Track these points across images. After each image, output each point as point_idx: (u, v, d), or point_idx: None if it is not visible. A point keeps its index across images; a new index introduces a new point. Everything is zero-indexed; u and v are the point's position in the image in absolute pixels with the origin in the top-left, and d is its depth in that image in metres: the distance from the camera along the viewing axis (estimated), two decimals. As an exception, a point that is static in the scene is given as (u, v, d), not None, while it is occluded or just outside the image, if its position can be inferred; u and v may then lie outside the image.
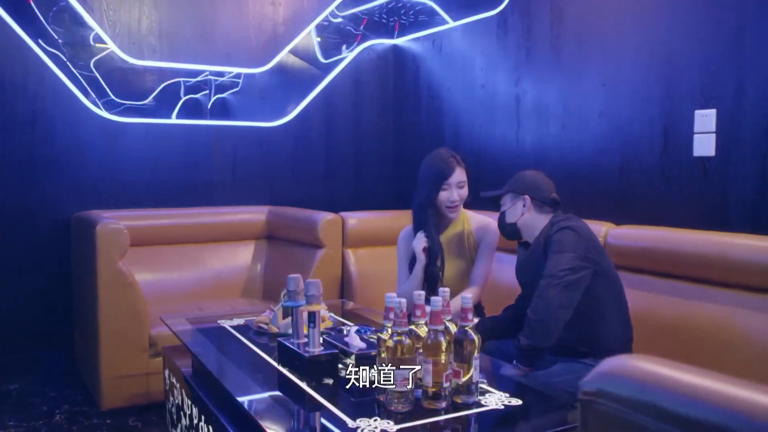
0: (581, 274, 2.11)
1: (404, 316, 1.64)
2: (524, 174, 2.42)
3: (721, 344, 2.39)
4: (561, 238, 2.16)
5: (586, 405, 0.79)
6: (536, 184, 2.37)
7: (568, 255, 2.12)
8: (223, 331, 2.55)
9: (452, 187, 2.64)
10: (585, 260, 2.13)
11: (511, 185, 2.42)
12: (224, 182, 4.13)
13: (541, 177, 2.40)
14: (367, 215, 3.83)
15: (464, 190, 2.68)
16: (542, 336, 2.06)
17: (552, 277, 2.09)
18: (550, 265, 2.12)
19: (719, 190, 2.63)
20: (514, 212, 2.38)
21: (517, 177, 2.42)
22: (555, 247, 2.16)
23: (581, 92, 3.21)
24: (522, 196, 2.35)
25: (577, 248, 2.14)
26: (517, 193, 2.37)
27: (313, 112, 4.38)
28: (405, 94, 4.53)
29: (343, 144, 4.49)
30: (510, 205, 2.39)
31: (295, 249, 3.78)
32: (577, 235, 2.17)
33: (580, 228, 2.20)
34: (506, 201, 2.41)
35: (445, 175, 2.63)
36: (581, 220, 2.28)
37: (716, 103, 2.62)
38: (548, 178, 2.43)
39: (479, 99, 3.84)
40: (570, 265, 2.10)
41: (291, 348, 1.98)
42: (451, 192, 2.64)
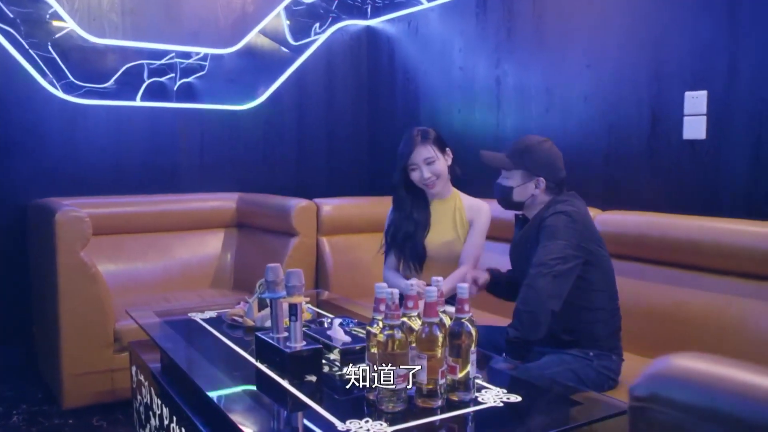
0: (572, 264, 2.02)
1: (397, 308, 1.51)
2: (539, 147, 2.18)
3: (714, 332, 2.33)
4: (555, 224, 2.05)
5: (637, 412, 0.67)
6: (553, 164, 2.18)
7: (560, 242, 2.02)
8: (193, 325, 2.40)
9: (420, 165, 2.56)
10: (577, 249, 2.04)
11: (523, 160, 2.18)
12: (192, 168, 3.95)
13: (555, 152, 2.20)
14: (342, 202, 3.69)
15: (436, 165, 2.58)
16: (532, 328, 1.96)
17: (542, 266, 1.99)
18: (541, 253, 2.02)
19: (710, 174, 2.56)
20: (524, 192, 2.19)
21: (530, 150, 2.17)
22: (547, 233, 2.05)
23: (565, 74, 3.11)
24: (536, 177, 2.17)
25: (571, 236, 2.04)
26: (531, 172, 2.18)
27: (285, 95, 4.21)
28: (379, 77, 4.39)
29: (316, 128, 4.33)
30: (520, 183, 2.19)
31: (267, 237, 3.62)
32: (572, 222, 2.06)
33: (576, 213, 2.08)
34: (515, 176, 2.20)
35: (405, 155, 2.58)
36: (580, 202, 2.16)
37: (707, 84, 2.55)
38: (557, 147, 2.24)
39: (458, 82, 3.72)
40: (561, 254, 2.00)
41: (270, 343, 1.84)
42: (421, 171, 2.57)
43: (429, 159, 2.56)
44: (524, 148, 2.20)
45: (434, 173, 2.58)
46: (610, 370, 2.12)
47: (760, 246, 2.28)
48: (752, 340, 2.25)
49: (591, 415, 1.52)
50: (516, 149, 2.22)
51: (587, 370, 2.07)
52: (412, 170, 2.59)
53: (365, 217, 3.64)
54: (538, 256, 2.02)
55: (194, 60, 3.91)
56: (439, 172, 2.60)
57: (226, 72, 4.02)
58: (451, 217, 2.70)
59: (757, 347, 2.23)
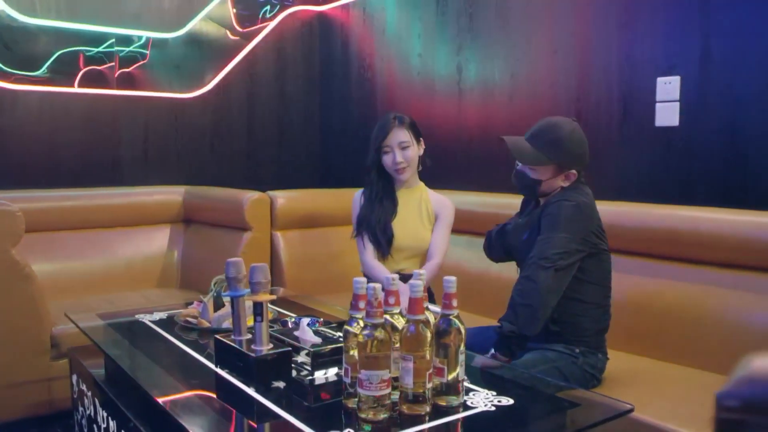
0: (575, 258, 1.92)
1: (380, 305, 1.36)
2: (571, 137, 1.96)
3: (692, 324, 2.26)
4: (559, 213, 1.92)
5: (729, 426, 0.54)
6: (585, 154, 2.01)
7: (563, 235, 1.90)
8: (142, 328, 2.18)
9: (393, 148, 2.54)
10: (581, 242, 1.93)
11: (558, 153, 1.96)
12: (134, 159, 3.69)
13: (584, 139, 2.01)
14: (298, 194, 3.51)
15: (410, 151, 2.56)
16: (529, 322, 1.86)
17: (544, 259, 1.87)
18: (544, 245, 1.90)
19: (684, 161, 2.49)
20: (553, 185, 2.01)
21: (562, 141, 1.95)
22: (550, 222, 1.93)
23: (530, 60, 3.01)
24: (568, 171, 1.99)
25: (576, 228, 1.93)
26: (564, 167, 1.98)
27: (234, 83, 3.99)
28: (333, 66, 4.22)
29: (267, 118, 4.13)
30: (549, 177, 1.99)
31: (217, 232, 3.41)
32: (578, 212, 1.94)
33: (584, 205, 1.96)
34: (545, 171, 1.99)
35: (381, 137, 2.54)
36: (588, 191, 2.02)
37: (680, 70, 2.48)
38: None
39: (417, 69, 3.58)
40: (564, 248, 1.89)
41: (232, 346, 1.66)
42: (394, 154, 2.54)
43: (404, 143, 2.53)
44: (556, 139, 1.96)
45: (407, 159, 2.55)
46: (595, 368, 2.02)
47: (736, 235, 2.22)
48: (732, 331, 2.18)
49: (590, 418, 1.40)
50: (548, 140, 1.97)
51: (572, 368, 1.97)
52: (385, 153, 2.56)
53: (321, 211, 3.47)
54: (540, 247, 1.90)
55: (136, 45, 3.65)
56: (411, 159, 2.57)
57: (170, 58, 3.77)
58: (417, 207, 2.66)
59: (737, 338, 2.16)
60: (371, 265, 2.58)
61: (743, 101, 2.32)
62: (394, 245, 2.59)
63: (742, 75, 2.32)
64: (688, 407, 1.82)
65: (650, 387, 2.00)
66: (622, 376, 2.09)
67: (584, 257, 1.96)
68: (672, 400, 1.88)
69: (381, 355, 1.34)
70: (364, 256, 2.63)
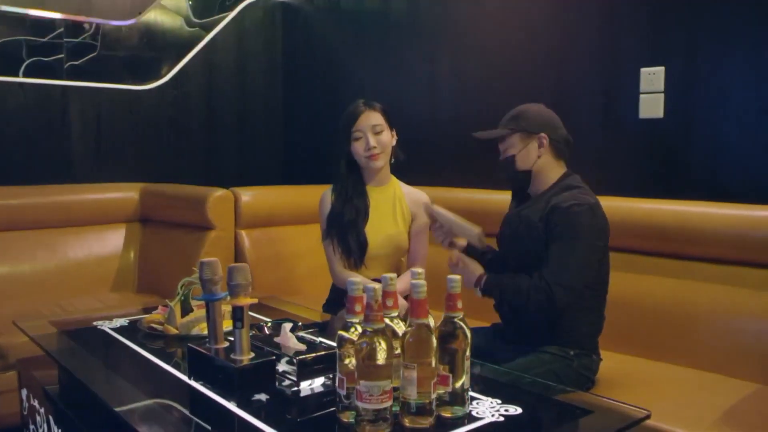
0: (593, 269, 1.86)
1: (380, 309, 1.22)
2: (531, 109, 1.96)
3: (683, 321, 2.19)
4: (576, 221, 1.81)
5: None
6: (551, 120, 1.96)
7: (586, 245, 1.82)
8: (101, 336, 1.99)
9: (366, 132, 2.32)
10: (597, 250, 1.86)
11: (518, 122, 1.94)
12: (87, 155, 3.45)
13: (550, 111, 1.99)
14: (263, 191, 3.34)
15: (384, 135, 2.35)
16: (522, 321, 1.84)
17: (566, 281, 1.78)
18: (563, 259, 1.80)
19: (669, 154, 2.43)
20: (528, 156, 1.94)
21: (522, 112, 1.95)
22: (568, 228, 1.80)
23: (507, 46, 2.90)
24: (537, 135, 1.93)
25: (594, 236, 1.84)
26: (530, 131, 1.94)
27: (192, 75, 3.79)
28: (297, 58, 4.05)
29: (227, 112, 3.93)
30: (521, 148, 1.94)
31: (177, 232, 3.21)
32: (594, 216, 1.84)
33: (596, 206, 1.87)
34: (513, 143, 1.95)
35: (351, 121, 2.33)
36: (588, 188, 1.95)
37: (665, 60, 2.41)
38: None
39: (388, 62, 3.45)
40: (583, 263, 1.82)
41: (209, 356, 1.50)
42: (366, 138, 2.32)
43: (377, 127, 2.33)
44: (516, 112, 1.97)
45: (381, 144, 2.33)
46: (589, 370, 1.93)
47: (726, 230, 2.17)
48: (723, 328, 2.12)
49: (607, 426, 1.30)
50: (508, 117, 1.99)
51: (567, 370, 1.87)
52: (356, 139, 2.33)
53: (288, 208, 3.31)
54: (562, 259, 1.80)
55: (87, 34, 3.41)
56: (385, 144, 2.36)
57: (124, 47, 3.55)
58: (391, 207, 2.46)
59: (728, 335, 2.10)
60: (344, 277, 2.39)
61: (729, 93, 2.26)
62: (367, 253, 2.38)
63: (729, 65, 2.26)
64: (691, 409, 1.74)
65: (646, 388, 1.92)
66: (615, 378, 2.00)
67: None
68: (672, 402, 1.79)
69: (383, 364, 1.20)
70: (335, 265, 2.43)
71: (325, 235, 2.44)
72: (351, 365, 1.25)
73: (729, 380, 2.00)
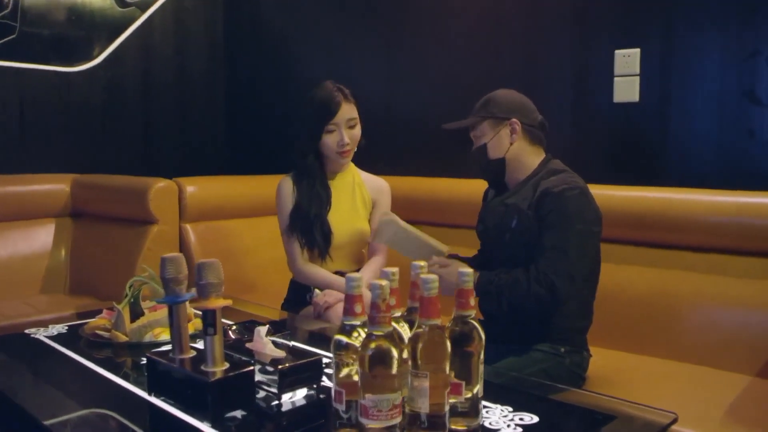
0: (589, 256, 1.75)
1: (388, 309, 1.04)
2: (500, 94, 1.86)
3: (667, 311, 2.12)
4: (570, 206, 1.69)
5: None
6: (523, 104, 1.85)
7: (582, 231, 1.71)
8: (35, 345, 1.73)
9: (341, 126, 2.17)
10: (593, 235, 1.75)
11: (488, 108, 1.84)
12: (9, 143, 3.11)
13: (521, 95, 1.88)
14: (209, 182, 3.10)
15: (356, 130, 2.21)
16: (523, 318, 1.73)
17: (565, 271, 1.66)
18: (559, 244, 1.67)
19: (645, 139, 2.34)
20: (500, 143, 1.82)
21: (491, 98, 1.85)
22: (560, 214, 1.69)
23: (472, 27, 2.76)
24: (508, 121, 1.81)
25: (588, 220, 1.73)
26: (500, 117, 1.82)
27: (127, 57, 3.49)
28: (241, 40, 3.80)
29: (166, 96, 3.65)
30: (492, 135, 1.83)
31: (115, 227, 2.94)
32: (585, 199, 1.74)
33: (587, 190, 1.77)
34: (484, 131, 1.84)
35: (329, 113, 2.16)
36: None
37: (640, 41, 2.32)
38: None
39: (344, 43, 3.26)
40: (581, 250, 1.71)
41: (174, 368, 1.28)
42: (340, 133, 2.17)
43: (352, 121, 2.19)
44: (485, 99, 1.86)
45: (353, 139, 2.21)
46: (580, 367, 1.83)
47: (707, 217, 2.10)
48: (709, 319, 2.05)
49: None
50: (478, 104, 1.88)
51: (559, 369, 1.76)
52: (329, 132, 2.17)
53: (237, 200, 3.09)
54: (558, 252, 1.67)
55: (6, 11, 3.08)
56: (357, 139, 2.23)
57: (48, 25, 3.22)
58: (351, 194, 2.32)
59: (714, 326, 2.03)
60: (309, 271, 2.24)
61: (708, 75, 2.19)
62: (332, 243, 2.23)
63: (707, 46, 2.19)
64: (694, 406, 1.64)
65: (639, 385, 1.82)
66: (605, 374, 1.89)
67: None
68: (671, 399, 1.66)
69: (392, 374, 1.03)
70: (297, 260, 2.26)
71: (288, 228, 2.25)
72: (352, 375, 1.08)
73: (718, 373, 1.93)
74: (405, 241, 1.92)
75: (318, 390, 1.33)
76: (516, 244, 1.78)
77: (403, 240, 1.92)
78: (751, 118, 2.13)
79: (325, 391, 1.33)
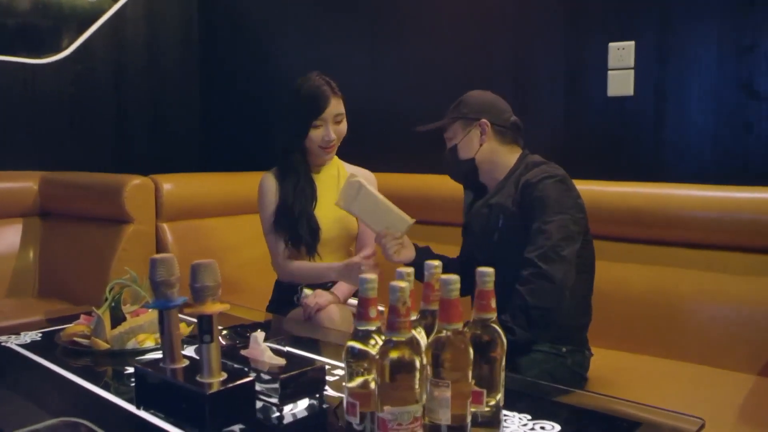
0: (577, 243, 1.65)
1: (408, 313, 0.96)
2: (472, 95, 1.83)
3: (665, 310, 2.07)
4: (548, 193, 1.64)
5: None
6: (493, 104, 1.82)
7: (561, 217, 1.62)
8: (7, 354, 1.61)
9: (327, 122, 2.09)
10: (577, 222, 1.66)
11: (459, 110, 1.81)
12: (-28, 139, 2.97)
13: (494, 95, 1.85)
14: (187, 179, 2.97)
15: (343, 125, 2.13)
16: (545, 328, 1.60)
17: (553, 249, 1.58)
18: (545, 232, 1.60)
19: (640, 134, 2.29)
20: (469, 144, 1.79)
21: (463, 99, 1.82)
22: (541, 204, 1.63)
23: (456, 19, 2.68)
24: (477, 122, 1.77)
25: (570, 206, 1.66)
26: (470, 118, 1.78)
27: (98, 49, 3.34)
28: (216, 32, 3.67)
29: (139, 90, 3.51)
30: (462, 137, 1.80)
31: (86, 227, 2.81)
32: (566, 188, 1.68)
33: (567, 177, 1.71)
34: (455, 132, 1.82)
35: (318, 109, 2.07)
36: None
37: (635, 34, 2.27)
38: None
39: (324, 35, 3.16)
40: (565, 232, 1.61)
41: (167, 380, 1.18)
42: (327, 129, 2.09)
43: (339, 116, 2.11)
44: (458, 100, 1.84)
45: (339, 135, 2.13)
46: (582, 367, 1.77)
47: (705, 213, 2.06)
48: (709, 316, 2.01)
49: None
50: (451, 106, 1.86)
51: (561, 369, 1.69)
52: (315, 127, 2.09)
53: (217, 197, 2.97)
54: (542, 236, 1.60)
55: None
56: (342, 134, 2.15)
57: (14, 13, 3.06)
58: (336, 187, 2.24)
59: (714, 323, 1.99)
60: (294, 266, 2.15)
61: (703, 68, 2.15)
62: (320, 239, 2.15)
63: (703, 39, 2.14)
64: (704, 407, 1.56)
65: (643, 385, 1.78)
66: (606, 374, 1.83)
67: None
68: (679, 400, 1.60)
69: (414, 384, 0.95)
70: (280, 258, 2.17)
71: (273, 227, 2.15)
72: (367, 385, 0.99)
73: (720, 372, 1.89)
74: (368, 206, 1.83)
75: (320, 400, 1.24)
76: (506, 244, 1.71)
77: (367, 204, 1.83)
78: (748, 112, 2.10)
79: (327, 401, 1.24)
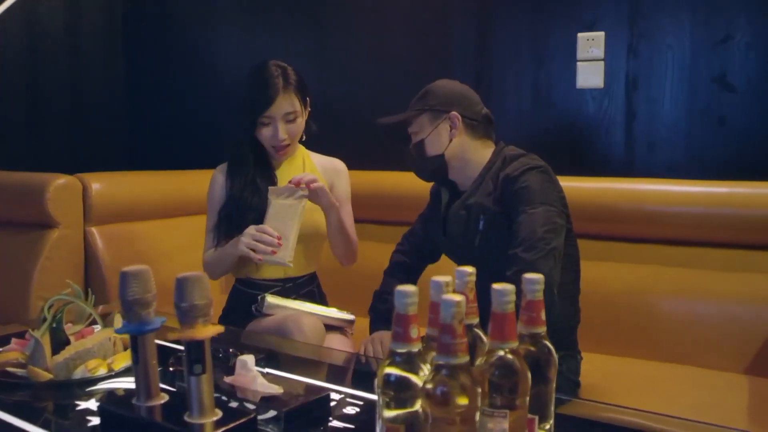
0: (562, 236, 1.53)
1: (463, 334, 0.80)
2: (439, 85, 1.69)
3: (643, 308, 2.02)
4: (530, 185, 1.53)
5: None
6: (463, 95, 1.68)
7: (543, 208, 1.51)
8: None
9: (276, 120, 1.87)
10: (561, 215, 1.56)
11: (425, 101, 1.67)
12: None
13: (464, 86, 1.71)
14: (118, 178, 2.68)
15: (297, 123, 1.91)
16: None
17: (539, 243, 1.46)
18: (529, 224, 1.48)
19: (611, 127, 2.22)
20: (438, 139, 1.65)
21: (429, 90, 1.68)
22: (524, 196, 1.52)
23: (415, 3, 2.54)
24: (447, 114, 1.63)
25: (553, 198, 1.55)
26: (438, 110, 1.63)
27: (8, 33, 2.98)
28: (143, 14, 3.36)
29: (56, 80, 3.15)
30: (430, 131, 1.65)
31: (3, 233, 2.48)
32: (549, 180, 1.58)
33: (548, 169, 1.60)
34: (422, 126, 1.67)
35: (263, 105, 1.85)
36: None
37: (605, 24, 2.19)
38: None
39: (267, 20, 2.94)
40: (551, 224, 1.49)
41: (145, 420, 0.97)
42: (275, 127, 1.87)
43: (290, 115, 1.88)
44: (423, 91, 1.70)
45: (291, 135, 1.91)
46: (574, 373, 1.68)
47: (682, 208, 2.02)
48: (690, 314, 1.95)
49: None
50: (416, 97, 1.71)
51: (557, 377, 1.56)
52: (263, 124, 1.88)
53: (151, 199, 2.69)
54: (526, 228, 1.47)
55: None
56: (296, 134, 1.93)
57: None
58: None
59: (696, 322, 1.94)
60: (212, 256, 1.95)
61: (676, 60, 2.10)
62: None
63: (675, 29, 2.09)
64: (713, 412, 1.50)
65: (639, 390, 1.72)
66: (596, 380, 1.74)
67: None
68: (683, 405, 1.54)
69: (474, 416, 0.79)
70: (206, 249, 1.99)
71: (214, 224, 1.96)
72: (403, 417, 0.82)
73: (710, 373, 1.84)
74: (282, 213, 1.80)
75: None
76: (489, 247, 1.59)
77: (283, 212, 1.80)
78: (722, 105, 2.06)
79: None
